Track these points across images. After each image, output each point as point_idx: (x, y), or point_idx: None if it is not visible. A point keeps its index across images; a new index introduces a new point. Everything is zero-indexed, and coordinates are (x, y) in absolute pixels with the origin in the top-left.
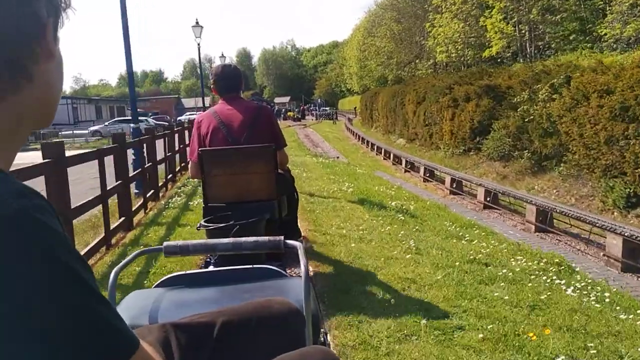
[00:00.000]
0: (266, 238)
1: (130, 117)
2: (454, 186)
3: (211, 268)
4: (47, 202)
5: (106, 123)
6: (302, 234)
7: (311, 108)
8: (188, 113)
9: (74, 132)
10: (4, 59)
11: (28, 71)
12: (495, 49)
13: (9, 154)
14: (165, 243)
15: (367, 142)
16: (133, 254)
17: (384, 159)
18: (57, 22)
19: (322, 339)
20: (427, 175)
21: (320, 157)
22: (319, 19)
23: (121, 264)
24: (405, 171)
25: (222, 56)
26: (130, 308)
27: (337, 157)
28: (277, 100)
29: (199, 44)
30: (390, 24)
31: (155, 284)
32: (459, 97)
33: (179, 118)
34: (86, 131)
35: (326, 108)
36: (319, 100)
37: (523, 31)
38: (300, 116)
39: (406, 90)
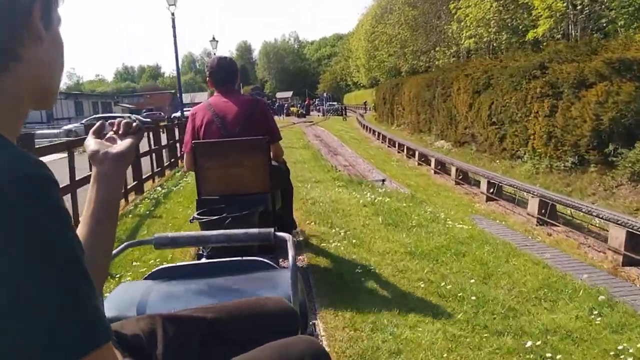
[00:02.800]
0: (256, 230)
1: (115, 114)
2: (632, 247)
3: (203, 260)
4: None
5: (83, 121)
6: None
7: (316, 103)
8: (184, 109)
9: (37, 131)
10: None
11: (14, 54)
12: (541, 29)
13: (12, 128)
14: (155, 235)
15: (398, 144)
16: (121, 245)
17: (436, 173)
18: (48, 4)
19: (310, 330)
20: (543, 211)
21: (362, 185)
22: (321, 11)
23: None
24: (488, 199)
25: (214, 40)
26: (119, 300)
27: (384, 181)
28: (279, 95)
29: (173, 14)
30: (404, 8)
31: (145, 276)
32: (563, 80)
33: (173, 115)
34: (58, 130)
35: (334, 103)
36: (326, 95)
37: (580, 6)
38: (304, 112)
39: (451, 77)
